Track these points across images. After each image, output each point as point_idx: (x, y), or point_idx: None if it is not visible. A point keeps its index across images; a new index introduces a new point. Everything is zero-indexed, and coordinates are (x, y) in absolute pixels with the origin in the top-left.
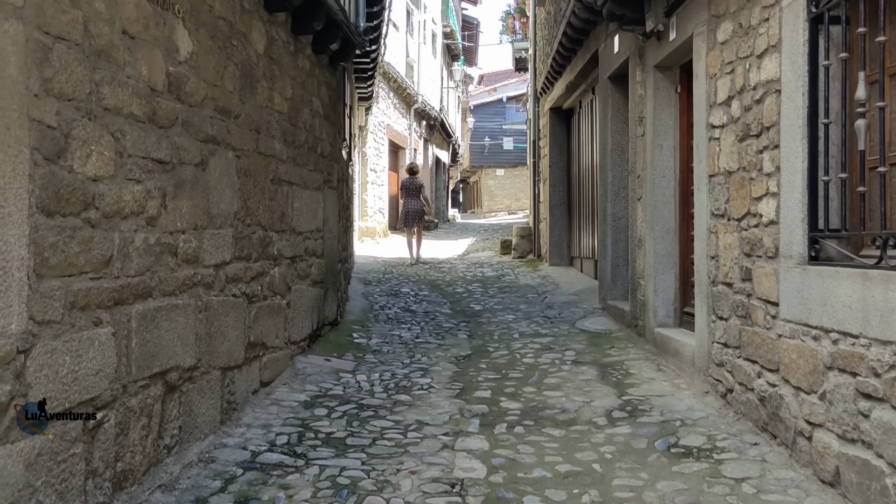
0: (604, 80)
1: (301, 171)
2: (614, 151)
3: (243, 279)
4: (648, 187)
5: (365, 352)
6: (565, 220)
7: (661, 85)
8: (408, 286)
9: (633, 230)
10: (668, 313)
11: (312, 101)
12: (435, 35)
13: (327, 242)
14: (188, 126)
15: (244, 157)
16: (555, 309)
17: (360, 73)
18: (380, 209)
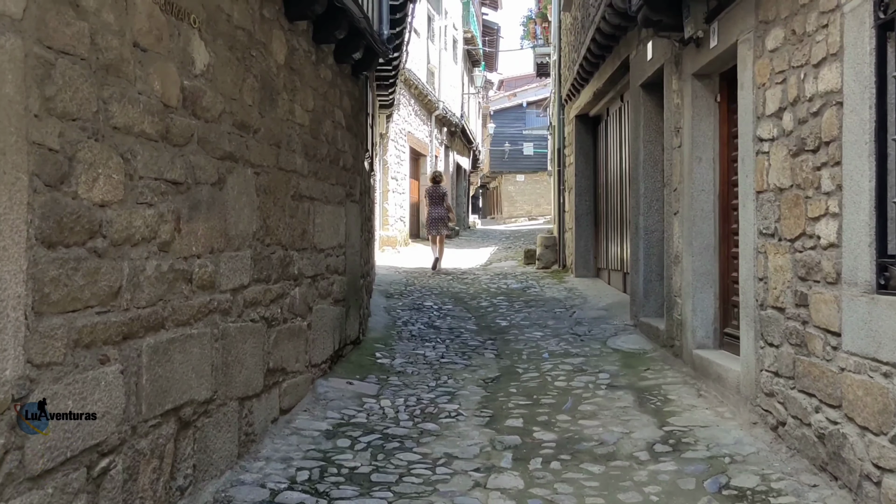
0: (635, 88)
1: (323, 186)
2: (647, 162)
3: (262, 302)
4: (686, 201)
5: (388, 373)
6: (591, 230)
7: (700, 94)
8: (431, 299)
9: (669, 245)
10: (707, 334)
11: (334, 113)
12: (456, 41)
13: (349, 258)
14: (204, 143)
15: (264, 174)
16: (584, 325)
17: (381, 80)
18: (401, 218)
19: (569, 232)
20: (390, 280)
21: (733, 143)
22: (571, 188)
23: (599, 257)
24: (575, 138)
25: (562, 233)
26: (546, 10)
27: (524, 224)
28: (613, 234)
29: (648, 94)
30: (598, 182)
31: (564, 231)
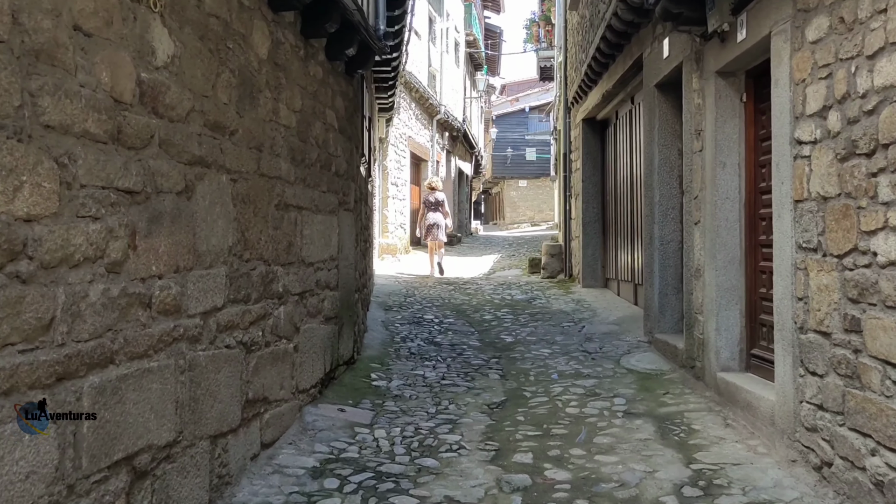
0: (649, 89)
1: (312, 194)
2: (662, 168)
3: (240, 325)
4: (708, 210)
5: (384, 398)
6: (599, 238)
7: (724, 93)
8: (431, 312)
9: (689, 258)
10: (732, 355)
11: (326, 114)
12: (458, 43)
13: (343, 272)
14: (168, 146)
15: (242, 181)
16: (595, 342)
17: (380, 82)
18: (401, 224)
19: (575, 240)
20: (389, 291)
21: (761, 146)
22: (578, 195)
23: (608, 267)
24: (582, 143)
25: (568, 241)
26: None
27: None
28: (623, 244)
29: (664, 95)
30: (607, 188)
31: (571, 239)
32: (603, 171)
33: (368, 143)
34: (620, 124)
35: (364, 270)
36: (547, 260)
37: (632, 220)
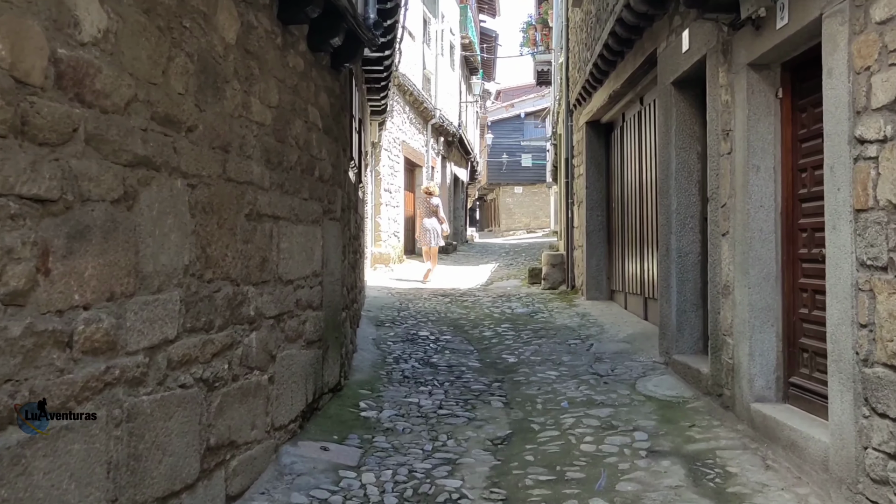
0: (665, 87)
1: (291, 202)
2: (680, 173)
3: (199, 359)
4: (739, 219)
5: (374, 431)
6: (604, 248)
7: (758, 88)
8: (427, 328)
9: (715, 273)
10: (767, 384)
11: (308, 111)
12: (453, 46)
13: (327, 289)
14: (99, 143)
15: (203, 187)
16: (606, 362)
17: (372, 83)
18: (394, 233)
19: (578, 250)
20: (381, 304)
21: (800, 147)
22: (581, 202)
23: (613, 278)
24: (585, 147)
25: (570, 250)
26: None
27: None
28: (631, 254)
29: (682, 94)
30: (612, 195)
31: (573, 249)
32: (608, 177)
33: (359, 146)
34: (628, 127)
35: (353, 285)
36: (548, 270)
37: (641, 228)
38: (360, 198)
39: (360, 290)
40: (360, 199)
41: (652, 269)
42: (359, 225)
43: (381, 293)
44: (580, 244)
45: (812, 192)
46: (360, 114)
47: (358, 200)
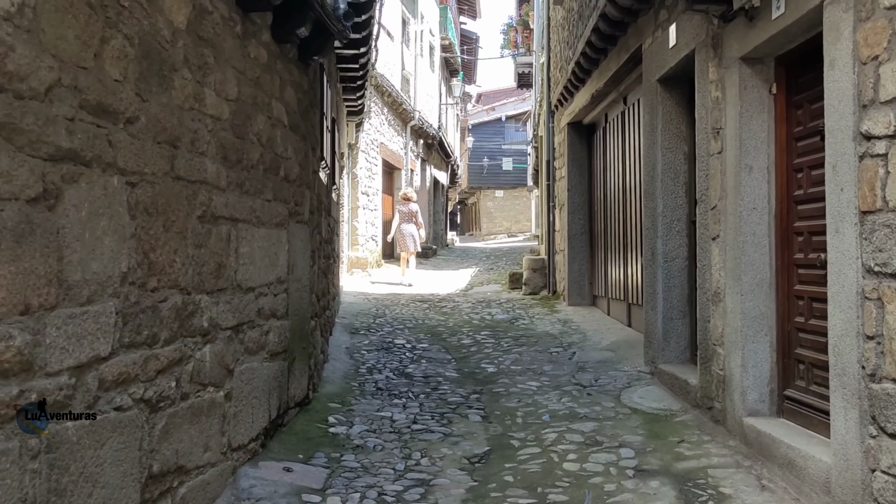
0: (650, 85)
1: (252, 203)
2: (666, 174)
3: (140, 377)
4: (730, 222)
5: (343, 449)
6: (586, 252)
7: (750, 84)
8: (403, 335)
9: (705, 279)
10: (761, 397)
11: (272, 106)
12: (433, 47)
13: (294, 296)
14: (11, 132)
15: (146, 185)
16: (589, 372)
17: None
18: (372, 237)
19: (560, 254)
20: (357, 310)
21: (795, 146)
22: (563, 205)
23: (596, 284)
24: (567, 149)
25: (551, 255)
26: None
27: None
28: (614, 259)
29: (668, 91)
30: (594, 198)
31: (555, 253)
32: (590, 180)
33: (332, 146)
34: (611, 128)
35: (325, 291)
36: (529, 275)
37: (624, 232)
38: (333, 200)
39: (333, 296)
40: (333, 202)
41: (635, 274)
42: (332, 228)
43: (358, 299)
44: (562, 248)
45: (809, 194)
46: (334, 113)
47: (331, 203)
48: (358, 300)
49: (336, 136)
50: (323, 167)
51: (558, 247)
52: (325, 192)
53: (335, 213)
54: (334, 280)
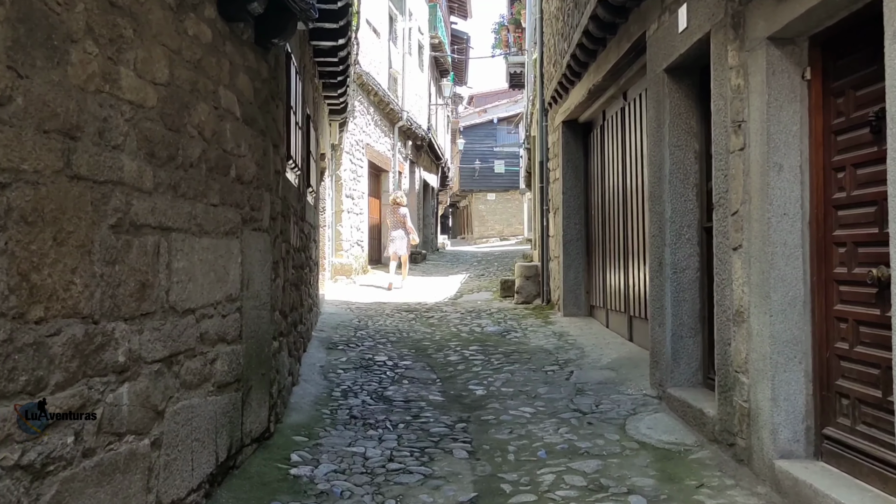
0: (657, 75)
1: (192, 208)
2: (675, 175)
3: (15, 437)
4: (756, 230)
5: (304, 496)
6: (583, 259)
7: (780, 68)
8: (385, 351)
9: (724, 295)
10: (795, 435)
11: (218, 95)
12: (422, 46)
13: (250, 315)
14: None
15: (24, 186)
16: (588, 395)
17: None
18: (358, 242)
19: (554, 261)
20: (337, 322)
21: (835, 141)
22: (557, 209)
23: (593, 293)
24: (562, 149)
25: (545, 261)
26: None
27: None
28: (613, 267)
29: (677, 82)
30: (591, 202)
31: (549, 260)
32: (587, 182)
33: (307, 145)
34: (609, 126)
35: (296, 305)
36: (521, 283)
37: (624, 239)
38: (308, 203)
39: (309, 308)
40: (308, 205)
41: (637, 284)
42: (308, 235)
43: (339, 309)
44: (556, 255)
45: (854, 197)
46: (310, 110)
47: (305, 207)
48: (340, 310)
49: (313, 134)
50: (292, 167)
51: (553, 253)
52: (295, 195)
53: (312, 217)
54: (311, 291)
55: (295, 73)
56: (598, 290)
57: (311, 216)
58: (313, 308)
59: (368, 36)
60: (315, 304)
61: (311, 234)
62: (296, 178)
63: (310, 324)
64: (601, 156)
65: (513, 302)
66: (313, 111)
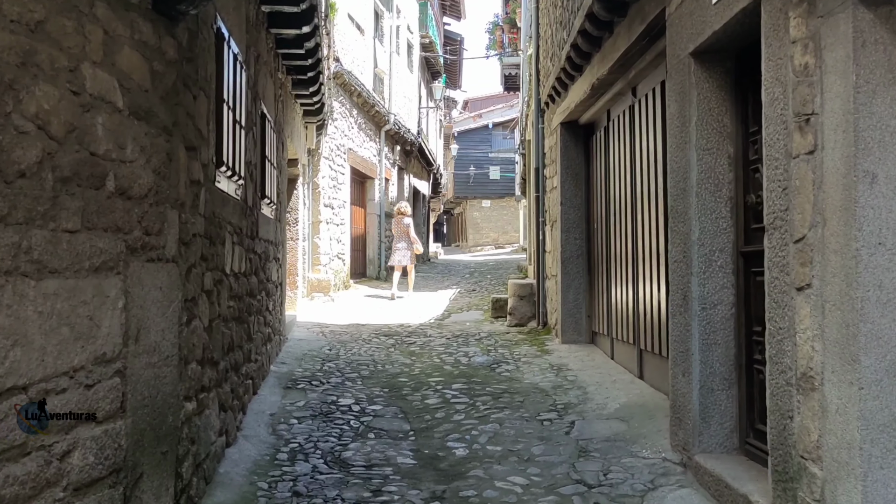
0: (679, 61)
1: (20, 238)
2: (703, 186)
3: None
4: (835, 265)
5: None
6: (583, 279)
7: (872, 38)
8: (353, 391)
9: (783, 351)
10: None
11: (81, 75)
12: (411, 46)
13: (140, 378)
14: None
15: None
16: (594, 458)
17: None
18: (338, 255)
19: (551, 279)
20: (304, 350)
21: None
22: (555, 221)
23: (596, 318)
24: (560, 154)
25: (541, 280)
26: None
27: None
28: (620, 290)
29: (707, 69)
30: (593, 214)
31: (545, 278)
32: (588, 192)
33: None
34: (615, 127)
35: (237, 344)
36: (514, 303)
37: (635, 259)
38: (263, 217)
39: (264, 340)
40: (263, 220)
41: (650, 313)
42: (264, 254)
43: (310, 333)
44: (554, 273)
45: None
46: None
47: (257, 222)
48: (310, 335)
49: (271, 136)
50: (229, 175)
51: (549, 271)
52: (235, 210)
53: (272, 233)
54: (268, 319)
55: (234, 60)
56: (601, 314)
57: (269, 232)
58: (273, 338)
59: (350, 32)
60: (277, 332)
61: (268, 252)
62: (237, 189)
63: (265, 358)
64: (605, 162)
65: (505, 324)
66: (278, 110)
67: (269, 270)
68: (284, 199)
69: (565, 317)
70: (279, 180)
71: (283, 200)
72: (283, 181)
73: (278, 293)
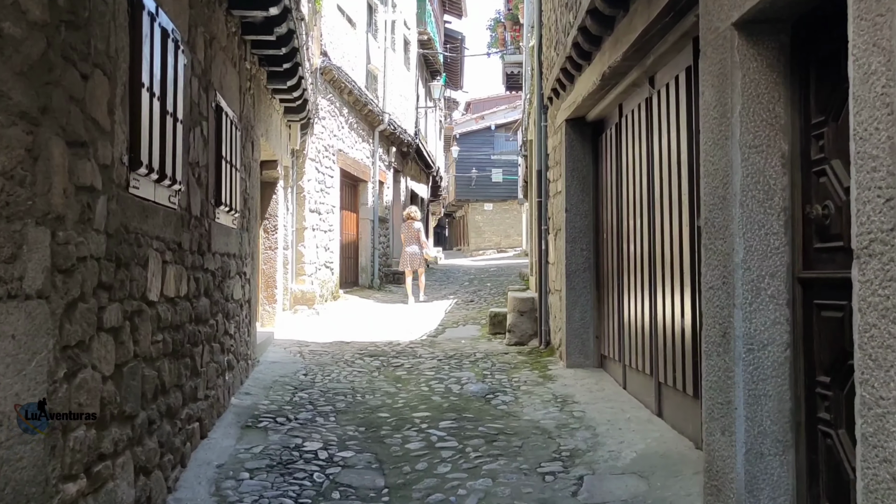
0: (718, 36)
1: None
2: (749, 193)
3: None
4: None
5: None
6: (591, 295)
7: None
8: (323, 431)
9: (894, 437)
10: None
11: None
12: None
13: None
14: None
15: None
16: None
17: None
18: (326, 263)
19: (554, 294)
20: (276, 376)
21: None
22: (559, 230)
23: (605, 340)
24: (565, 155)
25: (544, 294)
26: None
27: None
28: (635, 310)
29: (755, 45)
30: (602, 223)
31: (548, 292)
32: (597, 197)
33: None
34: (628, 124)
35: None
36: (514, 319)
37: (652, 276)
38: (221, 228)
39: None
40: (222, 231)
41: (672, 340)
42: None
43: (287, 354)
44: (557, 288)
45: None
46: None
47: (210, 235)
48: (286, 356)
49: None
50: (154, 179)
51: (553, 285)
52: (169, 221)
53: (236, 245)
54: (228, 345)
55: (161, 35)
56: (611, 336)
57: (228, 244)
58: (236, 364)
59: (340, 25)
60: (242, 357)
61: (227, 268)
62: (172, 196)
63: (223, 391)
64: (616, 163)
65: (503, 342)
66: (244, 105)
67: (229, 288)
68: (255, 206)
69: (570, 337)
70: (247, 184)
71: (252, 207)
72: (252, 185)
73: (244, 312)
